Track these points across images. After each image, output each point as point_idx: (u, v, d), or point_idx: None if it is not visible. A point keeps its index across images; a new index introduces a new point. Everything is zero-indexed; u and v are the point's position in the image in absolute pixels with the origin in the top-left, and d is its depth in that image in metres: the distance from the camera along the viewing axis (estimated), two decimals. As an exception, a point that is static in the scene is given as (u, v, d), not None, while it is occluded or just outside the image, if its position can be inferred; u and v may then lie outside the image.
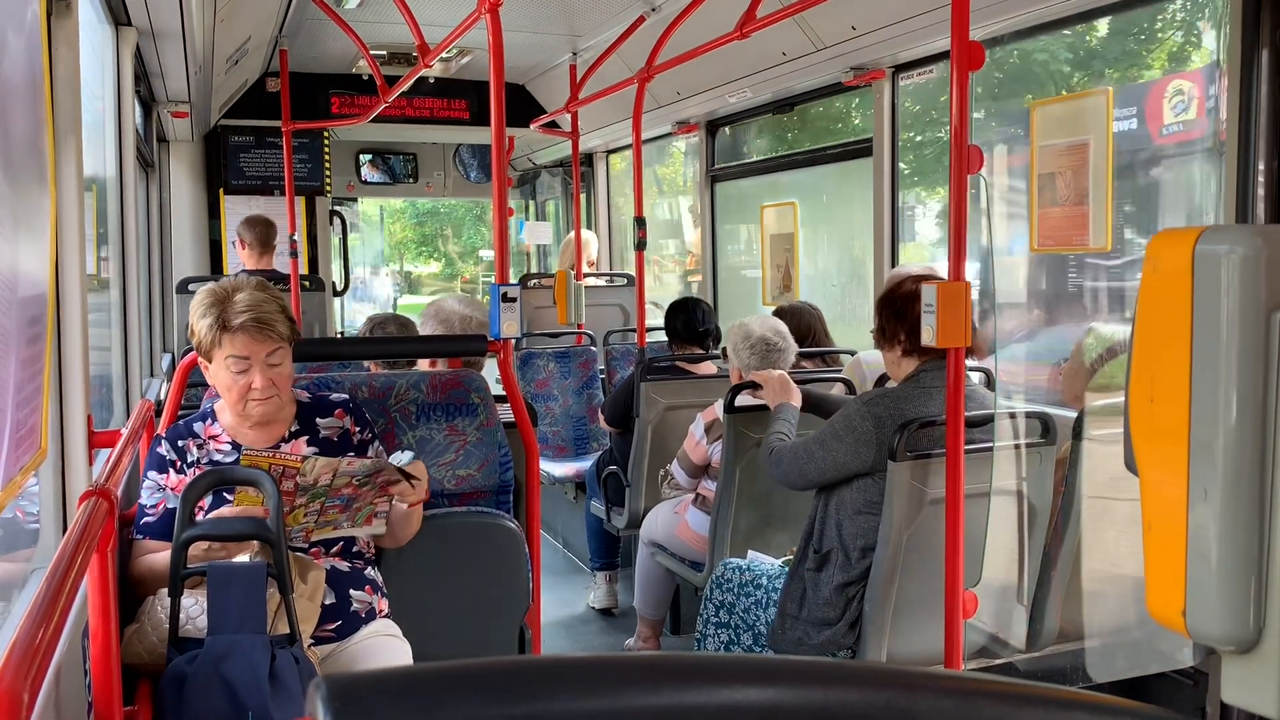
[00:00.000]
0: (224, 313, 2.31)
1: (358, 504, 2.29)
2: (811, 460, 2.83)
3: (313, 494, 2.22)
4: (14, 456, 1.41)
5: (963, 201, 2.32)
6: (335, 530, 2.32)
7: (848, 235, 6.03)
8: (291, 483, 2.19)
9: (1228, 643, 0.93)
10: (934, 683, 0.61)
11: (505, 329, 2.84)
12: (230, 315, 2.30)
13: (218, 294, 2.35)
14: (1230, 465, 0.89)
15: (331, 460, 2.20)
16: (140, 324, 4.19)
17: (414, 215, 24.39)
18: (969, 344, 2.39)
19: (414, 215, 24.39)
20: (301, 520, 2.26)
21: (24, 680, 1.07)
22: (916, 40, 3.98)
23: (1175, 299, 0.92)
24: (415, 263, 28.28)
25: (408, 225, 27.44)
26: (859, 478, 2.74)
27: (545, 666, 0.56)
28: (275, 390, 2.34)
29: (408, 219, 25.82)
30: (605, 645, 4.48)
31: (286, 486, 2.18)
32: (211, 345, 2.32)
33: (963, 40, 2.28)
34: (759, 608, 3.00)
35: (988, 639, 2.80)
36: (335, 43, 6.02)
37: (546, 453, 5.59)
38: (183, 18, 3.45)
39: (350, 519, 2.32)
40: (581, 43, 6.03)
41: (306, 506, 2.24)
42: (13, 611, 1.88)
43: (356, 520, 2.33)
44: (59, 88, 2.08)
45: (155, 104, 5.26)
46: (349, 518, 2.31)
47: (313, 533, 2.30)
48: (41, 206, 1.73)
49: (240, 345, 2.30)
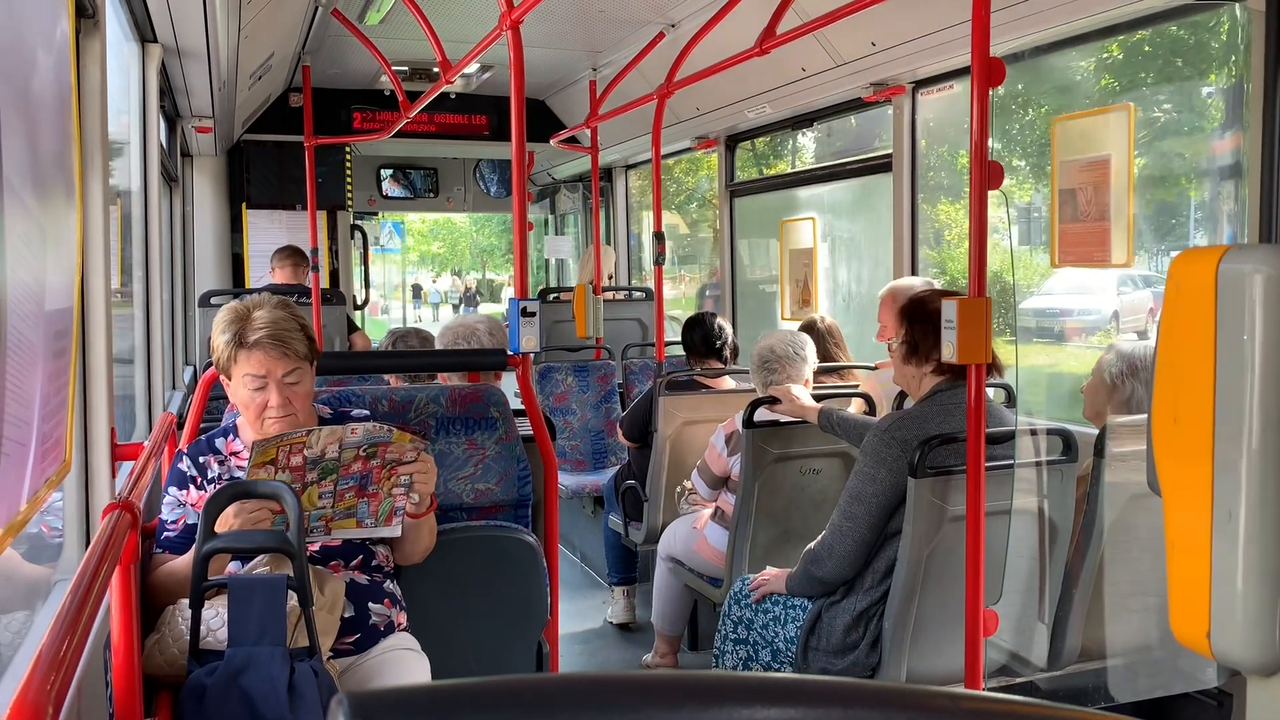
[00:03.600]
0: (242, 330, 2.32)
1: (373, 488, 2.30)
2: (853, 522, 2.73)
3: (323, 468, 2.23)
4: (39, 469, 1.42)
5: (983, 217, 2.31)
6: (359, 527, 2.32)
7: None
8: (300, 457, 2.20)
9: (1253, 666, 0.92)
10: (955, 703, 0.61)
11: (524, 343, 2.85)
12: (248, 333, 2.31)
13: (238, 311, 2.37)
14: (1255, 487, 0.88)
15: (335, 429, 2.21)
16: (163, 337, 4.23)
17: (501, 223, 24.83)
18: (990, 360, 2.38)
19: (501, 223, 24.83)
20: (318, 503, 2.26)
21: (48, 692, 1.08)
22: (937, 56, 3.97)
23: (1199, 319, 0.91)
24: (498, 270, 28.87)
25: (493, 233, 27.95)
26: None
27: (566, 685, 0.56)
28: (292, 409, 2.35)
29: (494, 226, 26.29)
30: (622, 660, 4.47)
31: (295, 462, 2.19)
32: (229, 362, 2.33)
33: (983, 56, 2.28)
34: (777, 624, 2.99)
35: (1008, 657, 2.77)
36: (357, 59, 6.07)
37: (565, 467, 5.60)
38: (207, 35, 3.49)
39: (371, 510, 2.31)
40: (601, 59, 6.06)
41: (319, 484, 2.24)
42: (36, 623, 1.90)
43: (379, 516, 2.33)
44: (86, 104, 2.11)
45: (179, 119, 5.32)
46: (369, 506, 2.31)
47: (332, 522, 2.29)
48: (68, 221, 1.75)
49: (256, 363, 2.31)
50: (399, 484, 2.34)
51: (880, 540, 2.74)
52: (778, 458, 3.56)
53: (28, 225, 1.39)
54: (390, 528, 2.36)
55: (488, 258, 31.09)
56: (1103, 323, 9.75)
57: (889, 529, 2.72)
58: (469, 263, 33.68)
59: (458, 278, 33.89)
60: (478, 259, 32.48)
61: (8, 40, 1.30)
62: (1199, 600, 0.92)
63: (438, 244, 32.81)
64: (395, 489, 2.33)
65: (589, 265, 6.61)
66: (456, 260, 34.01)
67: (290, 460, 2.19)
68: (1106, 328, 9.56)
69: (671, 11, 4.93)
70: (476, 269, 33.12)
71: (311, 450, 2.21)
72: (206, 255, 6.99)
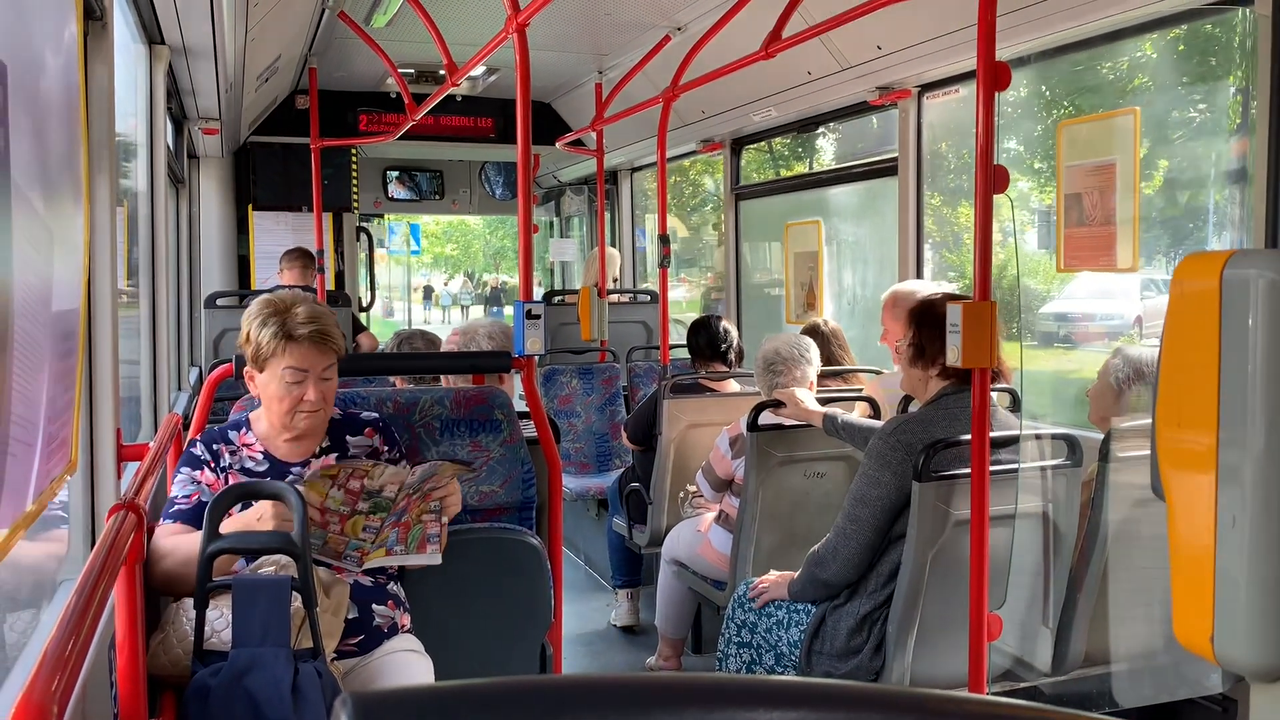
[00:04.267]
0: (287, 323, 2.32)
1: (407, 518, 2.30)
2: (857, 525, 2.72)
3: (375, 503, 2.23)
4: (45, 469, 1.43)
5: (988, 221, 2.31)
6: (388, 555, 2.32)
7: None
8: (359, 483, 2.20)
9: (1257, 671, 0.92)
10: (959, 706, 0.61)
11: (529, 345, 2.85)
12: (294, 326, 2.32)
13: (277, 305, 2.37)
14: (1259, 492, 0.88)
15: (399, 470, 2.23)
16: (169, 338, 4.24)
17: (516, 225, 25.28)
18: (994, 364, 2.37)
19: (516, 225, 25.28)
20: (360, 535, 2.27)
21: (53, 693, 1.08)
22: (942, 60, 3.97)
23: (1203, 323, 0.91)
24: (510, 272, 29.12)
25: (507, 235, 28.12)
26: None
27: (569, 687, 0.56)
28: (324, 404, 2.37)
29: (509, 229, 26.55)
30: (626, 663, 4.47)
31: (354, 486, 2.20)
32: (271, 355, 2.33)
33: (989, 60, 2.28)
34: (781, 628, 2.99)
35: (1012, 662, 2.77)
36: (364, 61, 6.08)
37: (569, 469, 5.60)
38: (215, 37, 3.50)
39: (400, 537, 2.32)
40: (607, 62, 6.07)
41: (367, 517, 2.25)
42: (42, 622, 1.90)
43: (409, 543, 2.32)
44: (94, 105, 2.12)
45: (186, 121, 5.33)
46: (400, 539, 2.31)
47: (368, 556, 2.30)
48: (75, 223, 1.75)
49: (300, 357, 2.32)
50: (429, 510, 2.34)
51: (884, 544, 2.73)
52: (782, 461, 3.56)
53: (35, 227, 1.40)
54: (427, 555, 2.32)
55: (500, 259, 31.26)
56: (1125, 327, 9.71)
57: (893, 533, 2.72)
58: (482, 264, 33.89)
59: (469, 279, 34.08)
60: (491, 261, 32.66)
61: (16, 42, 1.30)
62: (1203, 605, 0.92)
63: (451, 245, 33.00)
64: (425, 515, 2.33)
65: (594, 268, 6.62)
66: (469, 262, 34.20)
67: (349, 483, 2.20)
68: (1130, 332, 9.52)
69: (678, 15, 4.93)
70: (490, 270, 33.34)
71: (372, 481, 2.22)
72: (212, 257, 7.01)
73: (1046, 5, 3.29)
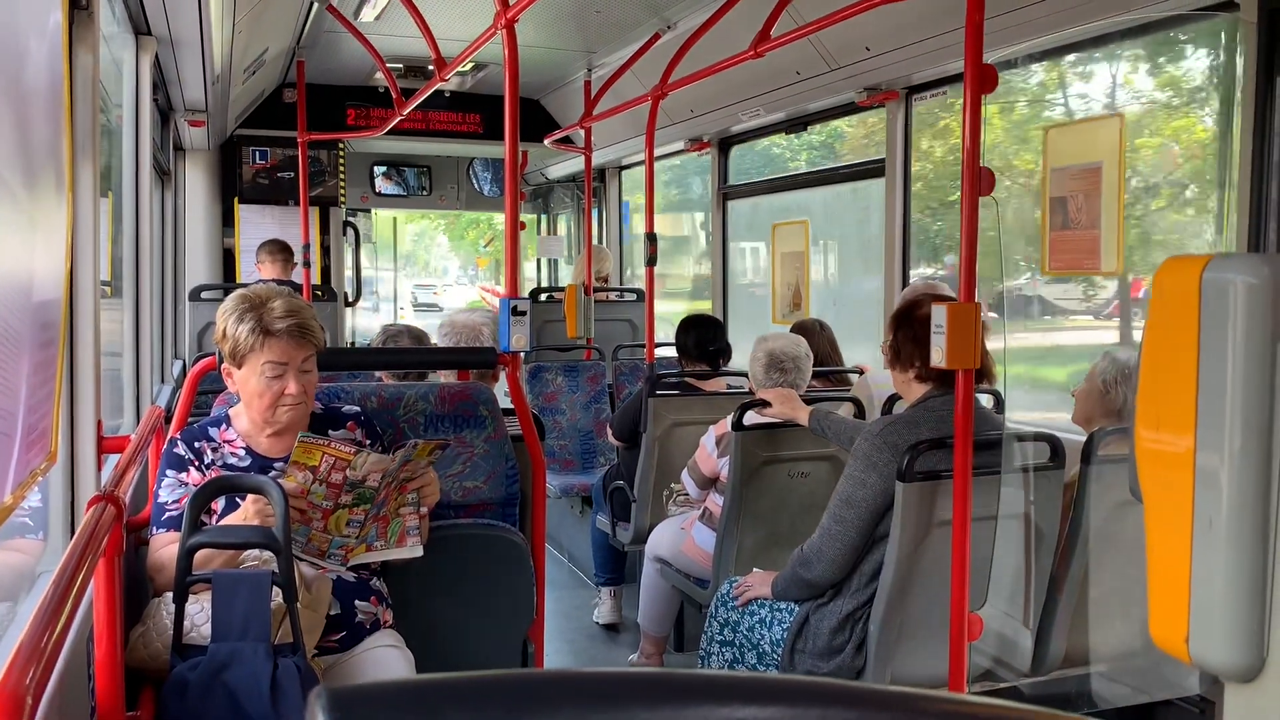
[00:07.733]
0: (264, 317, 2.31)
1: (385, 511, 2.30)
2: (843, 526, 2.72)
3: (359, 494, 2.22)
4: (24, 460, 1.42)
5: (974, 223, 2.32)
6: (368, 550, 2.31)
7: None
8: (341, 475, 2.19)
9: (1231, 671, 0.92)
10: (936, 705, 0.61)
11: (514, 342, 2.85)
12: (271, 320, 2.31)
13: (253, 300, 2.35)
14: (1235, 494, 0.89)
15: (382, 458, 2.21)
16: (152, 331, 4.21)
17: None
18: (979, 365, 2.38)
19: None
20: (344, 530, 2.26)
21: (27, 684, 1.07)
22: (930, 62, 3.99)
23: (1182, 327, 0.92)
24: None
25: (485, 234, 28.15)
26: None
27: (546, 680, 0.56)
28: (305, 397, 2.36)
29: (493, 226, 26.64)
30: (609, 660, 4.47)
31: (336, 479, 2.19)
32: (249, 350, 2.31)
33: (976, 63, 2.29)
34: (763, 626, 2.99)
35: (993, 662, 2.78)
36: (352, 55, 6.06)
37: (553, 467, 5.59)
38: (202, 28, 3.48)
39: (380, 532, 2.31)
40: (596, 59, 6.06)
41: (351, 510, 2.24)
42: (20, 613, 1.89)
43: (389, 537, 2.32)
44: (78, 94, 2.10)
45: (172, 113, 5.31)
46: (380, 534, 2.31)
47: (353, 552, 2.29)
48: (58, 213, 1.74)
49: (280, 351, 2.31)
50: (407, 503, 2.34)
51: (868, 544, 2.74)
52: (766, 460, 3.57)
53: (17, 215, 1.39)
54: (407, 548, 2.33)
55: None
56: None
57: (877, 532, 2.72)
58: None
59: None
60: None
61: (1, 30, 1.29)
62: (1178, 606, 0.92)
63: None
64: (404, 508, 2.33)
65: (582, 266, 6.61)
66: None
67: (331, 476, 2.19)
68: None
69: (667, 12, 4.93)
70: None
71: (354, 472, 2.20)
72: (198, 249, 6.97)
73: (1034, 10, 3.31)
